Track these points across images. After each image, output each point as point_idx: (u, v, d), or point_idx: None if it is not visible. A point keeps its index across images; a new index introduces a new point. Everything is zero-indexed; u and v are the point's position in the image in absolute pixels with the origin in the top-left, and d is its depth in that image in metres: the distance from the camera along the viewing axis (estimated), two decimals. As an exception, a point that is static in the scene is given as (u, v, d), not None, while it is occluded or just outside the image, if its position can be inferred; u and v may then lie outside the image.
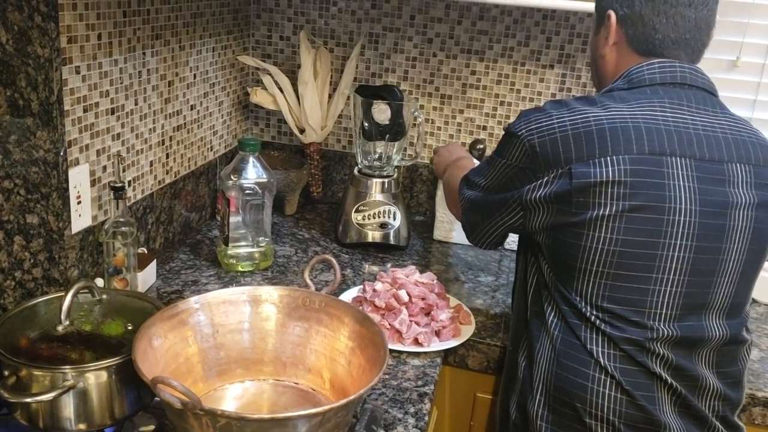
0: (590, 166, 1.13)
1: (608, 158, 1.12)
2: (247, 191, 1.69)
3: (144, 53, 1.60)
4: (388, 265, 1.85)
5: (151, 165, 1.71)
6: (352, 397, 0.98)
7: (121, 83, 1.53)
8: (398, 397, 1.29)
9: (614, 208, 1.12)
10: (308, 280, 1.25)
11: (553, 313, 1.23)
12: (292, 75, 2.13)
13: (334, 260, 1.26)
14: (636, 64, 1.25)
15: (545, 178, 1.18)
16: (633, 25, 1.25)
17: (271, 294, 1.23)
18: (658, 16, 1.22)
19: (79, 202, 1.41)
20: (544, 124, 1.18)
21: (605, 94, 1.24)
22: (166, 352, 1.11)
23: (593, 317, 1.17)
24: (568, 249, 1.18)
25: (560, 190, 1.15)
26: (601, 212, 1.13)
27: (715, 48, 1.97)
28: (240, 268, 1.74)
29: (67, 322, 1.08)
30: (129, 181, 1.62)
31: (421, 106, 2.17)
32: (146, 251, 1.65)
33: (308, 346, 1.21)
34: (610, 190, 1.12)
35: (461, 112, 2.16)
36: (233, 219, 1.70)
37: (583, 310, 1.18)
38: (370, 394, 1.29)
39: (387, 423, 1.22)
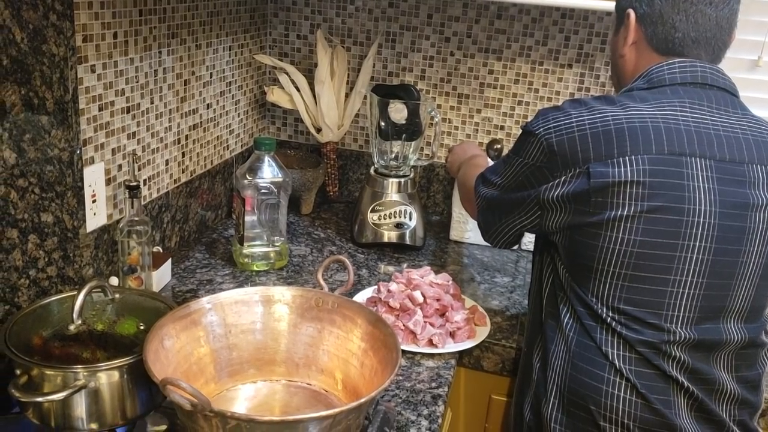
0: (608, 166, 1.11)
1: (627, 158, 1.11)
2: (263, 190, 1.69)
3: (160, 52, 1.60)
4: (404, 265, 1.84)
5: (166, 164, 1.71)
6: (363, 399, 0.97)
7: (137, 82, 1.53)
8: (411, 399, 1.28)
9: (632, 209, 1.11)
10: (321, 281, 1.25)
11: (568, 315, 1.22)
12: (309, 74, 2.13)
13: (347, 261, 1.25)
14: (656, 64, 1.23)
15: (563, 178, 1.16)
16: (652, 23, 1.23)
17: (283, 294, 1.22)
18: (678, 15, 1.20)
19: (94, 201, 1.42)
20: (562, 122, 1.17)
21: (625, 93, 1.23)
22: (177, 353, 1.10)
23: (609, 319, 1.16)
24: (585, 249, 1.16)
25: (578, 190, 1.14)
26: (619, 213, 1.11)
27: (736, 47, 1.94)
28: (255, 268, 1.74)
29: (80, 322, 1.08)
30: (144, 180, 1.62)
31: (438, 106, 2.15)
32: (161, 250, 1.65)
33: (321, 346, 1.21)
34: (628, 190, 1.10)
35: (479, 111, 2.15)
36: (248, 218, 1.70)
37: (599, 311, 1.16)
38: (383, 396, 1.28)
39: (400, 425, 1.21)
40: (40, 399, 1.00)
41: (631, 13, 1.25)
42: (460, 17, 2.07)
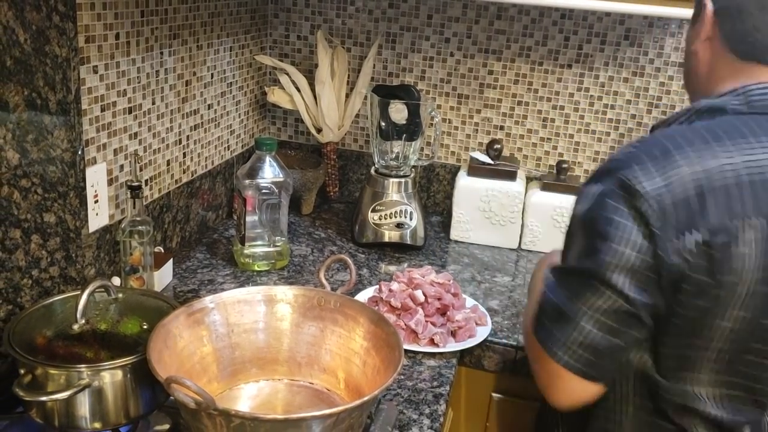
0: (729, 232, 0.93)
1: (750, 221, 0.93)
2: (264, 190, 1.69)
3: (162, 53, 1.61)
4: (404, 265, 1.84)
5: (168, 164, 1.71)
6: (366, 398, 0.98)
7: (139, 82, 1.54)
8: (413, 398, 1.29)
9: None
10: (323, 280, 1.25)
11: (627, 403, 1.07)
12: (310, 74, 2.13)
13: (349, 260, 1.26)
14: (758, 84, 1.02)
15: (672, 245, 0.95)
16: (731, 19, 1.04)
17: (286, 294, 1.23)
18: (762, 12, 1.01)
19: (96, 201, 1.42)
20: (672, 175, 0.95)
21: (719, 115, 1.02)
22: (181, 352, 1.11)
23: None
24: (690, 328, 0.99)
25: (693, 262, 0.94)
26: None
27: None
28: (256, 268, 1.74)
29: (83, 321, 1.09)
30: (146, 180, 1.62)
31: (439, 106, 2.16)
32: (162, 250, 1.66)
33: (323, 346, 1.21)
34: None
35: (478, 111, 2.16)
36: (249, 218, 1.71)
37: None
38: (385, 395, 1.28)
39: (402, 424, 1.21)
40: (44, 398, 1.00)
41: (708, 3, 1.07)
42: (459, 18, 2.08)
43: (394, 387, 1.32)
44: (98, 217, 1.44)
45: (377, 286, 1.57)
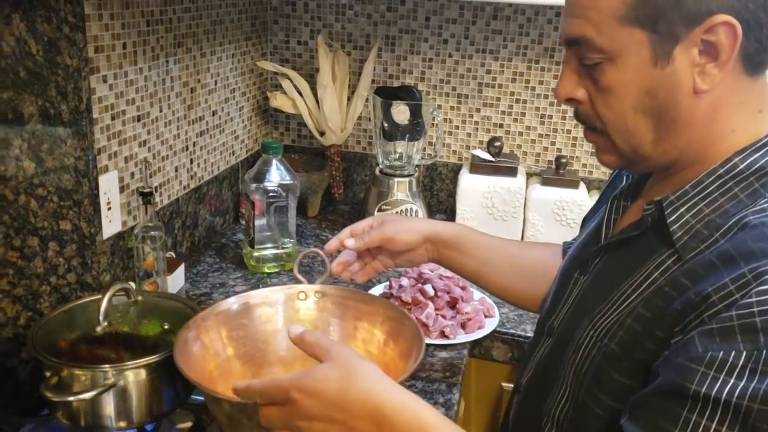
0: None
1: None
2: (271, 193, 1.72)
3: (167, 61, 1.64)
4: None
5: (176, 170, 1.74)
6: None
7: (146, 91, 1.57)
8: (427, 389, 1.32)
9: None
10: (299, 276, 1.25)
11: None
12: (311, 79, 2.16)
13: (321, 251, 1.25)
14: None
15: None
16: (752, 32, 0.78)
17: (308, 292, 1.24)
18: None
19: (109, 208, 1.45)
20: None
21: None
22: (205, 352, 1.13)
23: None
24: None
25: None
26: None
27: None
28: (266, 270, 1.77)
29: (106, 323, 1.11)
30: (156, 187, 1.65)
31: (439, 106, 2.19)
32: (174, 255, 1.68)
33: (345, 340, 1.23)
34: None
35: (478, 110, 2.19)
36: (258, 221, 1.73)
37: None
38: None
39: (418, 414, 1.24)
40: (71, 398, 1.03)
41: (731, 20, 0.76)
42: (457, 19, 2.11)
43: (408, 379, 1.34)
44: (111, 224, 1.46)
45: (387, 282, 1.60)
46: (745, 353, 0.68)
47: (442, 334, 1.47)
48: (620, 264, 0.88)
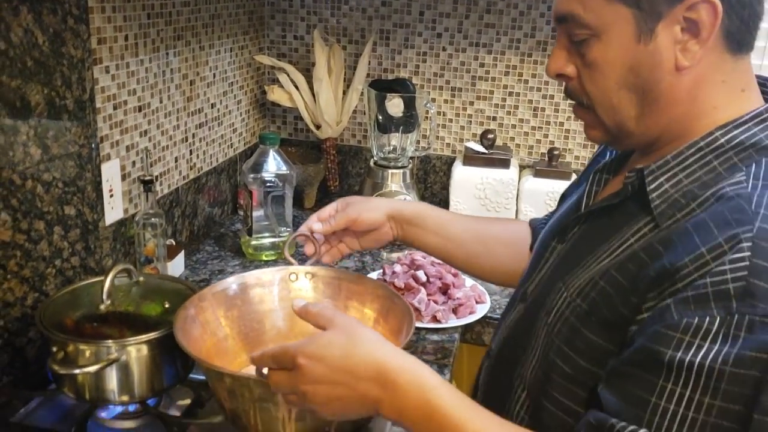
0: None
1: None
2: (269, 183, 1.77)
3: (167, 53, 1.68)
4: (405, 252, 1.91)
5: (176, 161, 1.79)
6: None
7: (147, 82, 1.61)
8: (419, 369, 1.36)
9: None
10: (290, 258, 1.28)
11: None
12: (307, 73, 2.21)
13: (308, 233, 1.29)
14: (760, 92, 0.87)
15: None
16: (734, 9, 0.81)
17: (303, 273, 1.27)
18: None
19: (111, 195, 1.49)
20: None
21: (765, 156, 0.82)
22: (203, 331, 1.17)
23: None
24: None
25: None
26: None
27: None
28: (264, 258, 1.82)
29: (109, 302, 1.15)
30: (156, 176, 1.69)
31: (433, 99, 2.24)
32: (174, 243, 1.73)
33: None
34: None
35: (471, 103, 2.23)
36: (256, 212, 1.78)
37: None
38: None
39: (409, 392, 1.29)
40: (76, 371, 1.07)
41: None
42: (450, 13, 2.16)
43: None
44: (114, 210, 1.51)
45: (381, 269, 1.65)
46: (718, 319, 0.71)
47: (434, 319, 1.52)
48: (598, 232, 0.92)
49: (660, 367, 0.73)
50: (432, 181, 2.31)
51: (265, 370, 0.91)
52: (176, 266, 1.68)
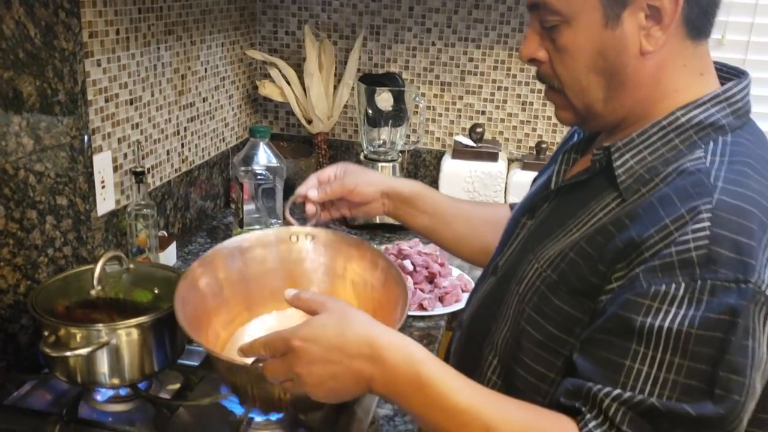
0: None
1: None
2: (259, 176, 1.80)
3: (158, 48, 1.71)
4: (394, 243, 1.94)
5: (167, 154, 1.81)
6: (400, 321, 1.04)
7: (138, 75, 1.64)
8: (405, 355, 1.39)
9: None
10: (291, 219, 1.29)
11: None
12: (298, 68, 2.24)
13: (309, 196, 1.28)
14: (737, 83, 0.91)
15: None
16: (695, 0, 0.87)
17: (304, 234, 1.27)
18: None
19: (103, 186, 1.52)
20: None
21: (721, 134, 0.88)
22: (204, 294, 1.18)
23: None
24: None
25: None
26: None
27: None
28: (254, 249, 1.84)
29: (99, 287, 1.18)
30: (148, 169, 1.72)
31: (423, 94, 2.26)
32: (166, 234, 1.76)
33: (334, 281, 1.26)
34: None
35: (461, 98, 2.26)
36: (247, 206, 1.81)
37: None
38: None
39: (395, 376, 1.31)
40: (67, 354, 1.10)
41: None
42: (439, 9, 2.19)
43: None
44: (105, 201, 1.54)
45: (369, 259, 1.67)
46: (683, 285, 0.76)
47: (421, 307, 1.55)
48: (567, 207, 0.97)
49: (631, 332, 0.78)
50: (422, 175, 2.34)
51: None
52: (168, 257, 1.71)
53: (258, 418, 1.15)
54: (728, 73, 0.95)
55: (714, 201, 0.79)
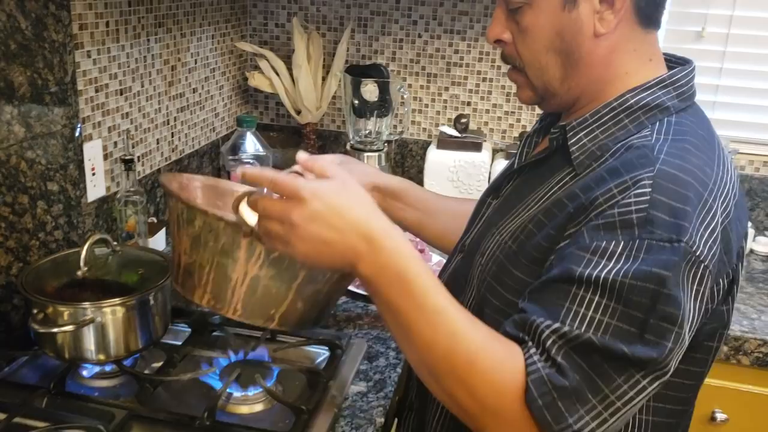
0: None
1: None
2: (247, 165, 1.85)
3: (148, 40, 1.76)
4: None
5: (157, 143, 1.87)
6: None
7: (128, 66, 1.69)
8: (381, 336, 1.45)
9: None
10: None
11: None
12: (288, 60, 2.29)
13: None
14: (682, 69, 0.99)
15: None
16: None
17: None
18: None
19: (93, 174, 1.58)
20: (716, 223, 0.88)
21: (666, 115, 0.96)
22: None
23: None
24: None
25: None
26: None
27: (681, 20, 2.11)
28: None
29: (86, 268, 1.24)
30: (138, 157, 1.78)
31: (410, 86, 2.32)
32: (155, 220, 1.81)
33: None
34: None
35: (446, 89, 2.31)
36: (234, 190, 1.86)
37: None
38: (356, 333, 1.44)
39: (370, 355, 1.37)
40: (55, 330, 1.15)
41: None
42: (425, 1, 2.24)
43: (364, 328, 1.47)
44: (96, 188, 1.59)
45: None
46: (622, 243, 0.84)
47: (400, 290, 1.60)
48: (528, 184, 1.05)
49: (572, 280, 0.85)
50: (409, 165, 2.39)
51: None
52: (157, 242, 1.76)
53: (236, 393, 1.20)
54: (675, 62, 1.03)
55: (656, 170, 0.86)
